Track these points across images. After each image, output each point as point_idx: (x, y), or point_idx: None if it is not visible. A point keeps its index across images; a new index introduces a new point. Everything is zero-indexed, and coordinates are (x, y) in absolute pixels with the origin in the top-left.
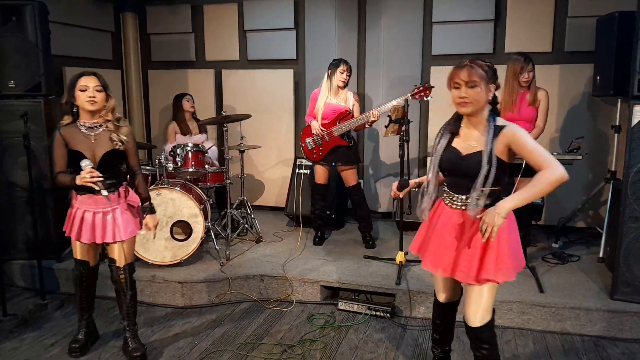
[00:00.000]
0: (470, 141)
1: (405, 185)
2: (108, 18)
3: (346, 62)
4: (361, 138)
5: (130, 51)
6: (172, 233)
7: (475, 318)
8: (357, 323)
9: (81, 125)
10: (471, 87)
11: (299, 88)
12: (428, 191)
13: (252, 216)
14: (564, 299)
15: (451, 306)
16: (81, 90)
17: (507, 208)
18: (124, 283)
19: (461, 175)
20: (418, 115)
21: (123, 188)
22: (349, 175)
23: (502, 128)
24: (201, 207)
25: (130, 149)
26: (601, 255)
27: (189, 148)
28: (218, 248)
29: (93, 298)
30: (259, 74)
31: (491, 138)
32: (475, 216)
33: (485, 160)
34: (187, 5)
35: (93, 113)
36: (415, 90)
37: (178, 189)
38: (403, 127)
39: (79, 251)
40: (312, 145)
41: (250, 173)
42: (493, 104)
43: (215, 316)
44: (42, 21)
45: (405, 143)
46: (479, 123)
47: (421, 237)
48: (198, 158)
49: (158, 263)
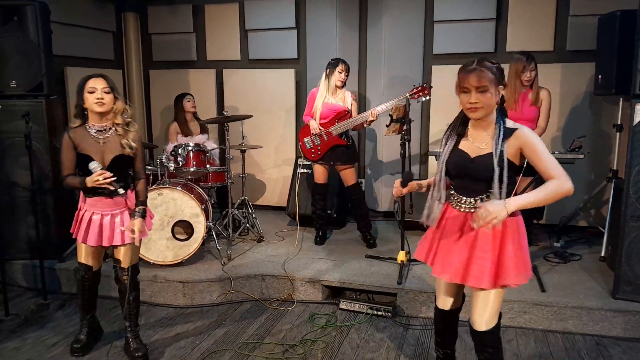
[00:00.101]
0: (479, 143)
1: (409, 178)
2: (109, 18)
3: (344, 62)
4: (362, 138)
5: (131, 51)
6: (174, 233)
7: (481, 322)
8: (359, 322)
9: (90, 127)
10: (481, 92)
11: (300, 87)
12: (437, 197)
13: (254, 216)
14: (566, 298)
15: (453, 314)
16: (89, 92)
17: (515, 206)
18: (128, 284)
19: (470, 178)
20: (419, 114)
21: (130, 191)
22: (348, 174)
23: (514, 130)
24: (202, 207)
25: (137, 154)
26: (603, 254)
27: (190, 148)
28: (219, 248)
29: (95, 299)
30: (260, 74)
31: (501, 140)
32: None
33: (495, 162)
34: (188, 5)
35: (102, 115)
36: (413, 90)
37: (179, 189)
38: (404, 127)
39: (84, 255)
40: (311, 144)
41: (251, 173)
42: (500, 103)
43: (216, 316)
44: (44, 21)
45: (406, 142)
46: (488, 125)
47: (427, 243)
48: (199, 158)
49: (159, 263)
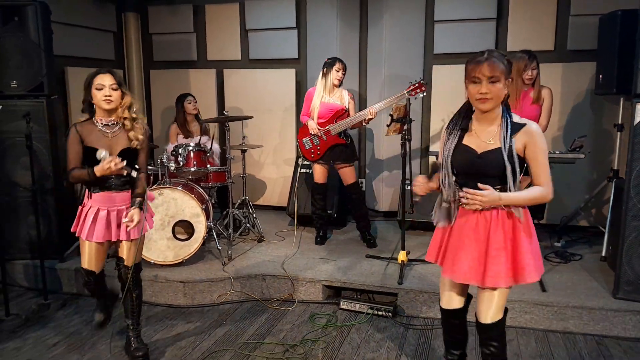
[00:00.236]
0: (485, 138)
1: (436, 169)
2: (110, 18)
3: (341, 61)
4: (362, 138)
5: (132, 51)
6: (174, 233)
7: (487, 315)
8: (359, 322)
9: (98, 122)
10: (492, 83)
11: (301, 87)
12: (448, 197)
13: (254, 216)
14: (567, 298)
15: (459, 313)
16: (97, 89)
17: (507, 201)
18: (130, 282)
19: (477, 174)
20: (420, 114)
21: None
22: (347, 173)
23: (523, 125)
24: (203, 207)
25: (143, 148)
26: (603, 254)
27: (191, 148)
28: (220, 248)
29: (105, 291)
30: (261, 74)
31: (510, 134)
32: (521, 217)
33: (505, 157)
34: (189, 5)
35: (110, 111)
36: (410, 87)
37: (180, 189)
38: (405, 126)
39: (87, 256)
40: (310, 145)
41: (252, 172)
42: (505, 98)
43: (217, 316)
44: (44, 21)
45: (407, 142)
46: (494, 119)
47: (437, 244)
48: (200, 158)
49: (160, 263)
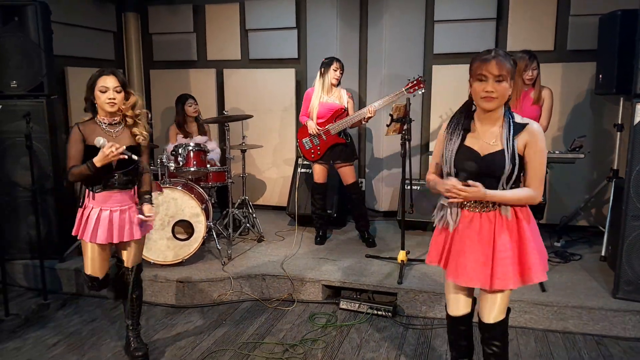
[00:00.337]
0: (488, 139)
1: (473, 169)
2: (110, 18)
3: (338, 60)
4: (362, 138)
5: (132, 51)
6: (174, 232)
7: (490, 315)
8: (359, 322)
9: (100, 122)
10: (499, 82)
11: (301, 87)
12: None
13: (254, 215)
14: (566, 298)
15: (466, 320)
16: (101, 91)
17: (492, 198)
18: (131, 283)
19: (481, 175)
20: (420, 114)
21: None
22: (347, 172)
23: (525, 125)
24: (203, 207)
25: (145, 147)
26: (603, 254)
27: (191, 147)
28: (220, 247)
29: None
30: (261, 74)
31: (512, 135)
32: (508, 216)
33: (508, 159)
34: (189, 5)
35: (112, 112)
36: (409, 84)
37: (180, 189)
38: (405, 126)
39: (90, 261)
40: (310, 145)
41: (251, 172)
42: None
43: (217, 315)
44: (44, 21)
45: (407, 142)
46: (497, 119)
47: (440, 246)
48: (200, 157)
49: (160, 262)
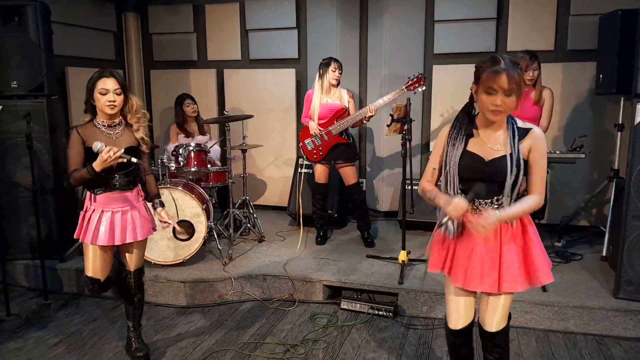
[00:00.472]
0: (492, 145)
1: (481, 193)
2: (110, 18)
3: (336, 60)
4: (362, 138)
5: (132, 51)
6: (175, 233)
7: (492, 323)
8: (360, 322)
9: (99, 124)
10: (508, 95)
11: (301, 87)
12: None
13: (255, 216)
14: (567, 298)
15: (467, 332)
16: (101, 93)
17: (506, 218)
18: (134, 287)
19: (486, 181)
20: (420, 114)
21: (139, 187)
22: (349, 172)
23: (528, 130)
24: (203, 207)
25: (144, 150)
26: (604, 253)
27: (192, 148)
28: (220, 248)
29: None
30: (261, 74)
31: (517, 141)
32: (514, 224)
33: (513, 165)
34: (189, 5)
35: (113, 114)
36: (409, 82)
37: (180, 189)
38: (405, 126)
39: (91, 262)
40: (312, 146)
41: (252, 172)
42: None
43: (217, 316)
44: (45, 21)
45: (407, 142)
46: (501, 125)
47: (442, 253)
48: (200, 158)
49: (161, 263)
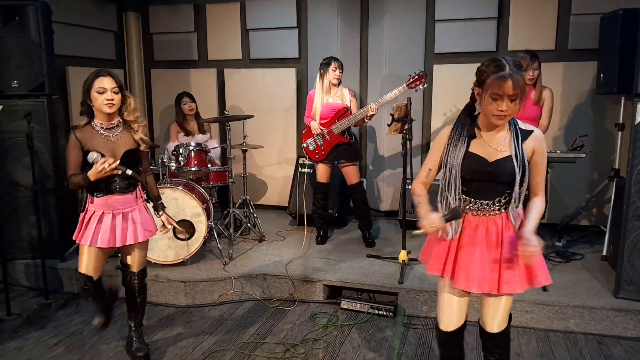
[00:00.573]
0: (495, 145)
1: (457, 216)
2: (110, 18)
3: (337, 59)
4: (363, 137)
5: (133, 51)
6: (175, 232)
7: (493, 324)
8: (360, 322)
9: (97, 126)
10: (513, 100)
11: (302, 87)
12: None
13: (255, 215)
14: (568, 298)
15: (459, 334)
16: (98, 92)
17: (533, 229)
18: (137, 287)
19: (489, 181)
20: (421, 113)
21: (139, 189)
22: (351, 172)
23: (530, 132)
24: (204, 207)
25: (143, 150)
26: (604, 253)
27: (192, 147)
28: (221, 247)
29: (103, 294)
30: (262, 73)
31: (520, 142)
32: (516, 225)
33: (518, 165)
34: (190, 4)
35: (110, 114)
36: (410, 79)
37: (181, 189)
38: (406, 126)
39: (85, 261)
40: (314, 145)
41: (252, 172)
42: None
43: (218, 315)
44: (45, 21)
45: (408, 141)
46: (503, 126)
47: (442, 255)
48: (201, 157)
49: (161, 262)
